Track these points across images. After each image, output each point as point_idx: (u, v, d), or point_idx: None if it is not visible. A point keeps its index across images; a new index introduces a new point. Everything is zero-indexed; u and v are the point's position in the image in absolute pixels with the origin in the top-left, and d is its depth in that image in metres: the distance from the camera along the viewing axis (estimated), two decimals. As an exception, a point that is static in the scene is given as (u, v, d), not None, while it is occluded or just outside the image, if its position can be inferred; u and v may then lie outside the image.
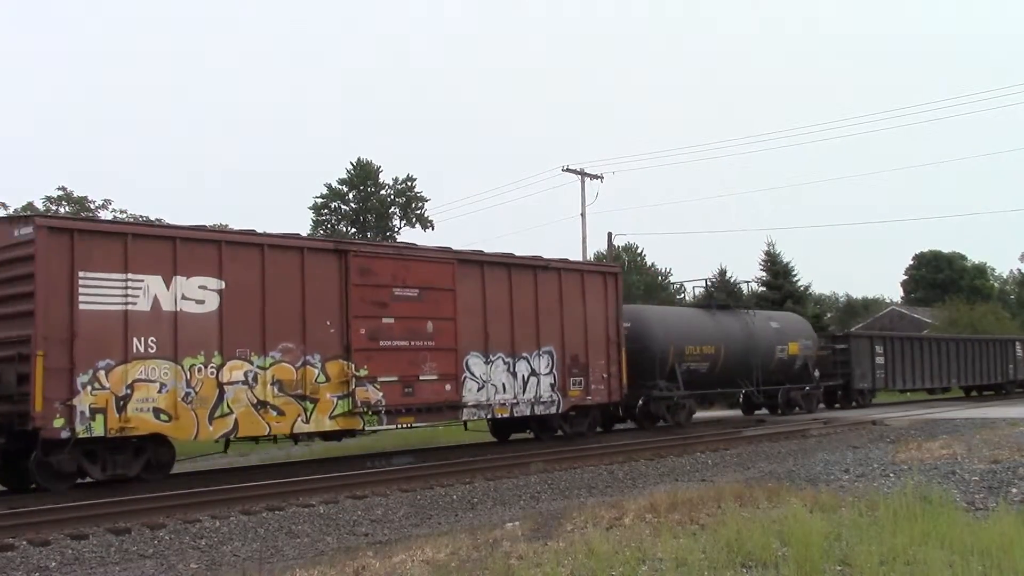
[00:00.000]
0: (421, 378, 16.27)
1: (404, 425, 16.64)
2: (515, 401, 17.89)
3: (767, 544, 7.19)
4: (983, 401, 35.52)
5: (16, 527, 10.49)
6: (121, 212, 58.36)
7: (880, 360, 31.58)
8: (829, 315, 63.35)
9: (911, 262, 79.34)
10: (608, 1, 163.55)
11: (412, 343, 16.20)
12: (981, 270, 76.83)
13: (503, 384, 17.70)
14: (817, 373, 28.71)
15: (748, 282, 44.42)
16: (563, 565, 7.01)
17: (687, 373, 23.45)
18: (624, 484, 14.69)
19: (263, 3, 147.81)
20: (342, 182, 67.24)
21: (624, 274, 67.19)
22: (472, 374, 17.19)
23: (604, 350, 19.98)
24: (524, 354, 18.13)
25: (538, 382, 18.34)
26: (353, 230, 67.66)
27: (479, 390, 17.23)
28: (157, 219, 59.16)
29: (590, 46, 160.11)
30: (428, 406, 16.42)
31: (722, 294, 34.36)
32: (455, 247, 18.04)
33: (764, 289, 45.27)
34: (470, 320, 17.18)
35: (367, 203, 66.94)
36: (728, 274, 45.41)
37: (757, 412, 28.49)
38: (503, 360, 17.69)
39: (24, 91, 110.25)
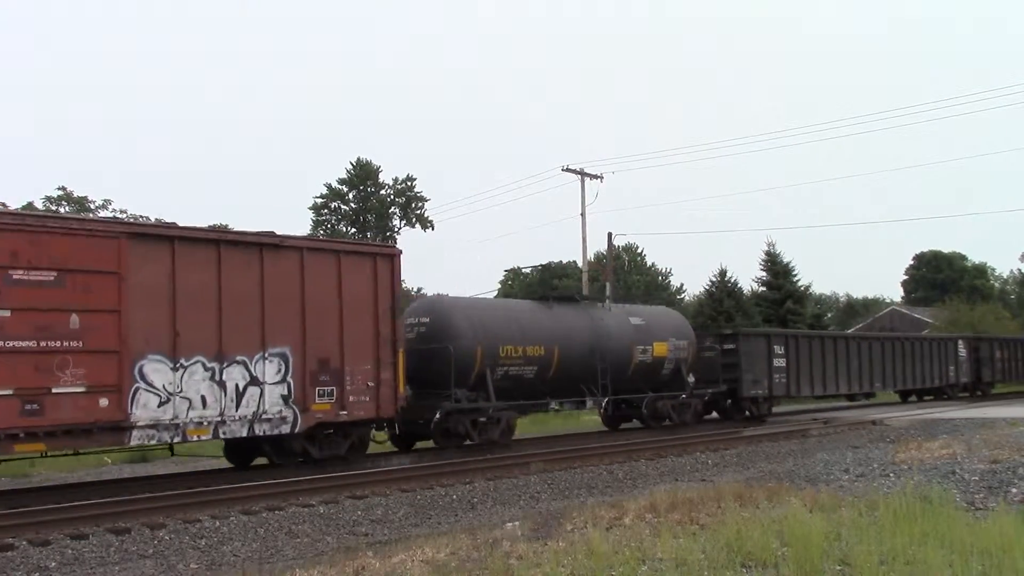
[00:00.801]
0: (55, 390, 12.16)
1: (29, 454, 12.72)
2: (221, 419, 13.78)
3: (767, 544, 7.19)
4: (980, 401, 35.03)
5: (16, 527, 10.49)
6: (121, 212, 58.50)
7: (780, 362, 26.31)
8: (829, 315, 63.41)
9: (911, 262, 79.51)
10: (608, 1, 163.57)
11: (42, 344, 12.11)
12: (981, 270, 76.91)
13: (202, 397, 13.63)
14: (692, 379, 23.94)
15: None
16: (563, 565, 7.01)
17: (504, 380, 19.06)
18: (624, 484, 14.69)
19: (263, 3, 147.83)
20: (342, 182, 67.27)
21: (624, 274, 67.47)
22: (149, 384, 13.12)
23: (372, 351, 15.87)
24: (239, 357, 14.06)
25: (261, 393, 14.27)
26: (353, 230, 67.71)
27: (161, 405, 13.16)
28: (157, 219, 59.41)
29: (590, 46, 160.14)
30: (67, 427, 12.29)
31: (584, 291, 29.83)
32: (128, 218, 14.74)
33: (764, 289, 45.36)
34: (149, 313, 13.18)
35: (367, 203, 66.96)
36: (728, 274, 45.58)
37: (625, 424, 24.35)
38: (203, 365, 13.67)
39: (24, 91, 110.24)
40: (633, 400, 22.72)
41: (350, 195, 67.48)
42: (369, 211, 67.12)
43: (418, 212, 67.99)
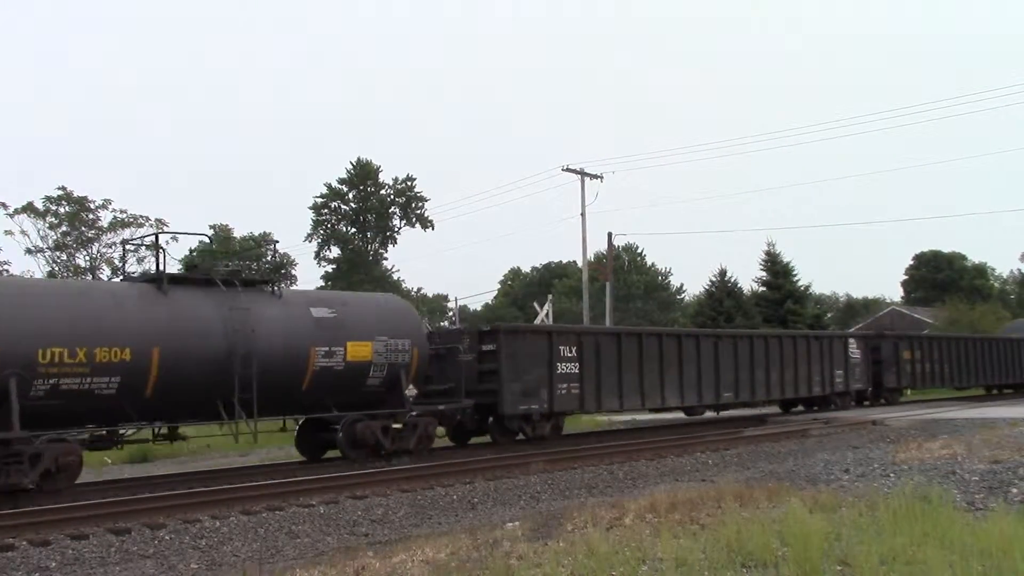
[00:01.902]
0: None
1: None
2: None
3: (767, 544, 7.19)
4: (977, 402, 34.71)
5: (16, 527, 10.49)
6: (121, 212, 58.52)
7: (569, 368, 19.74)
8: (830, 315, 63.40)
9: (911, 262, 79.41)
10: (608, 1, 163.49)
11: None
12: (981, 270, 76.86)
13: None
14: (413, 391, 17.78)
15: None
16: (563, 565, 7.01)
17: (53, 397, 12.87)
18: (624, 484, 14.69)
19: (263, 3, 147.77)
20: (342, 182, 67.27)
21: (624, 274, 67.55)
22: None
23: None
24: None
25: None
26: (353, 230, 67.72)
27: None
28: (156, 219, 59.39)
29: (590, 46, 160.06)
30: None
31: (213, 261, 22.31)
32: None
33: (764, 289, 45.35)
34: None
35: (367, 203, 66.96)
36: (728, 274, 45.57)
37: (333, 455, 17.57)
38: None
39: (24, 91, 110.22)
40: (330, 421, 16.63)
41: (350, 195, 67.47)
42: (369, 211, 67.13)
43: (418, 212, 67.98)
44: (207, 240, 24.56)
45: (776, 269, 45.12)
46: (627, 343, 21.50)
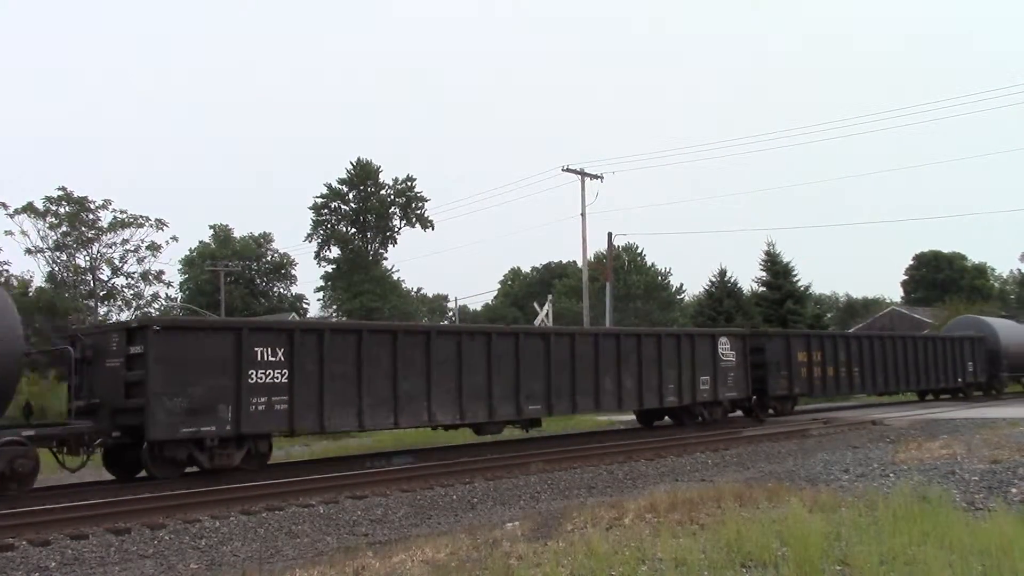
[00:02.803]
0: None
1: None
2: None
3: (767, 544, 7.19)
4: (977, 402, 34.44)
5: (16, 527, 10.49)
6: (121, 212, 58.55)
7: (272, 377, 14.82)
8: (830, 315, 63.44)
9: (911, 262, 79.43)
10: (608, 2, 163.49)
11: None
12: (981, 270, 76.85)
13: None
14: None
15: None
16: (563, 565, 7.01)
17: None
18: (624, 484, 14.69)
19: (263, 3, 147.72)
20: (342, 182, 67.29)
21: (624, 274, 67.44)
22: None
23: None
24: None
25: None
26: (353, 230, 67.73)
27: None
28: (156, 219, 59.39)
29: (590, 46, 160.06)
30: None
31: None
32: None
33: (764, 289, 45.34)
34: None
35: (367, 203, 66.98)
36: (728, 274, 45.55)
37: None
38: None
39: (24, 91, 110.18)
40: None
41: (350, 195, 67.49)
42: (369, 211, 67.14)
43: (418, 212, 68.01)
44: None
45: (776, 269, 45.09)
46: (372, 343, 16.14)
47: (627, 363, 20.80)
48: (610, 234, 44.51)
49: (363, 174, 67.08)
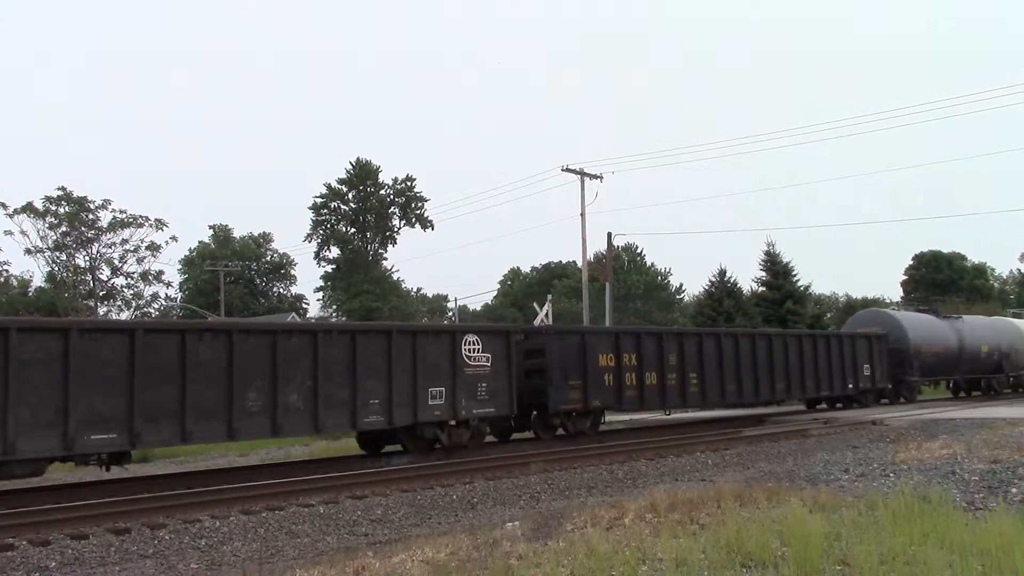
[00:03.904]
0: None
1: None
2: None
3: (767, 544, 7.19)
4: (977, 402, 33.95)
5: (16, 527, 10.50)
6: (121, 212, 58.56)
7: None
8: (829, 315, 63.43)
9: (911, 262, 79.41)
10: (608, 1, 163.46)
11: None
12: (981, 270, 76.87)
13: None
14: None
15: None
16: (563, 565, 7.00)
17: None
18: (624, 484, 14.69)
19: (263, 3, 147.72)
20: (342, 182, 67.30)
21: (624, 274, 67.44)
22: None
23: None
24: None
25: None
26: (353, 230, 67.73)
27: None
28: (156, 219, 59.35)
29: (589, 46, 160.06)
30: None
31: None
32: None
33: (764, 289, 45.35)
34: None
35: (367, 203, 66.99)
36: (728, 274, 45.58)
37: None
38: None
39: (24, 91, 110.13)
40: None
41: (350, 195, 67.51)
42: (369, 211, 67.16)
43: (418, 212, 68.03)
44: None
45: (776, 269, 45.11)
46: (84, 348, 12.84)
47: (325, 373, 15.50)
48: (610, 234, 44.54)
49: (363, 174, 67.10)
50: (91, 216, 57.76)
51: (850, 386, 28.69)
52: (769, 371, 25.15)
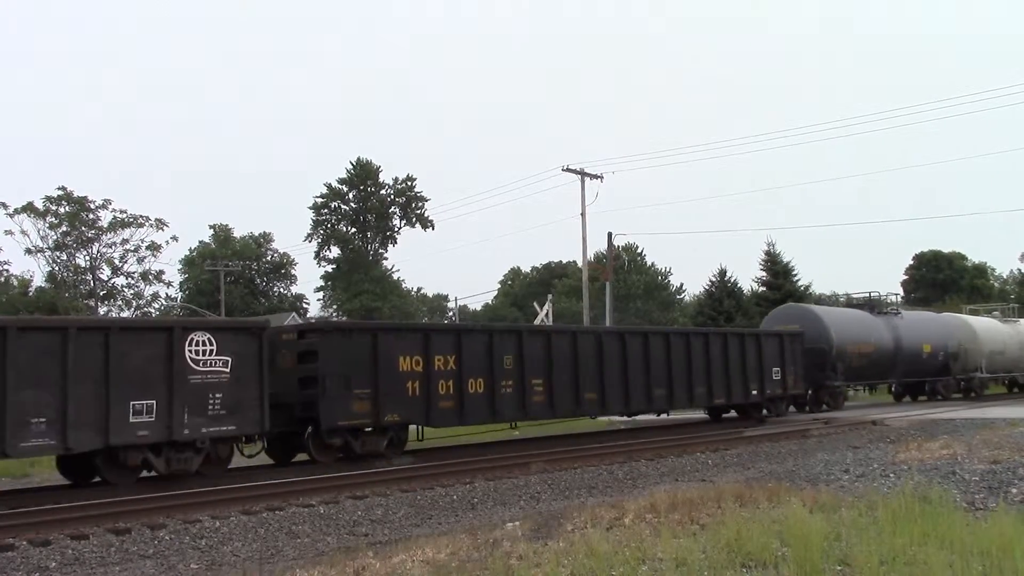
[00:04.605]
0: None
1: None
2: None
3: (767, 544, 7.19)
4: (981, 402, 33.68)
5: (16, 527, 10.49)
6: (121, 212, 58.58)
7: None
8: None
9: (911, 262, 79.41)
10: (608, 1, 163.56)
11: None
12: (981, 270, 76.85)
13: None
14: None
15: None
16: (563, 565, 7.00)
17: None
18: (624, 484, 14.69)
19: (263, 4, 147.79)
20: (342, 182, 67.35)
21: (624, 274, 67.53)
22: None
23: None
24: None
25: None
26: (353, 230, 67.76)
27: None
28: (156, 219, 59.39)
29: (590, 46, 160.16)
30: None
31: None
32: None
33: (764, 289, 45.38)
34: None
35: (367, 203, 67.04)
36: (728, 274, 45.63)
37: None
38: None
39: (24, 91, 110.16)
40: None
41: (350, 195, 67.56)
42: (369, 211, 67.20)
43: (418, 212, 68.08)
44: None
45: (776, 269, 45.16)
46: None
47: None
48: (610, 234, 44.53)
49: (363, 174, 67.13)
50: (91, 216, 57.81)
51: (754, 392, 24.41)
52: (644, 376, 21.19)
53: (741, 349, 24.17)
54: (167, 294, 64.86)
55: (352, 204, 67.48)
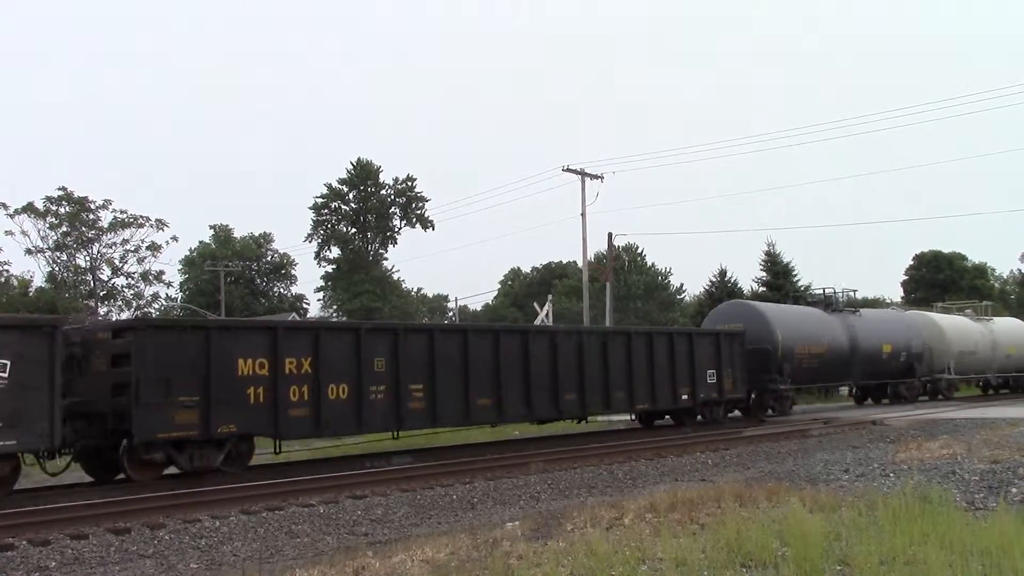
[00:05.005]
0: None
1: None
2: None
3: (767, 544, 7.18)
4: (982, 401, 33.81)
5: (16, 527, 10.49)
6: (121, 212, 58.57)
7: None
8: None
9: (911, 262, 79.34)
10: (608, 1, 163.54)
11: None
12: (981, 270, 76.80)
13: None
14: None
15: None
16: (563, 565, 7.00)
17: None
18: (624, 484, 14.69)
19: (263, 3, 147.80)
20: (342, 182, 67.30)
21: (624, 274, 67.44)
22: None
23: None
24: None
25: None
26: (353, 230, 67.73)
27: None
28: (157, 219, 59.38)
29: (590, 46, 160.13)
30: None
31: None
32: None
33: (764, 289, 45.35)
34: None
35: (367, 203, 67.00)
36: (728, 274, 45.61)
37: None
38: None
39: (24, 91, 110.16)
40: None
41: (350, 195, 67.51)
42: (369, 211, 67.17)
43: (418, 212, 68.03)
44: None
45: (776, 269, 45.14)
46: None
47: None
48: (610, 234, 44.53)
49: (363, 174, 67.09)
50: (92, 216, 57.77)
51: (684, 397, 22.55)
52: (551, 380, 19.30)
53: (669, 349, 22.26)
54: (167, 294, 64.84)
55: (352, 204, 67.43)
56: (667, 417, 24.22)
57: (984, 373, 35.95)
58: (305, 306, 72.70)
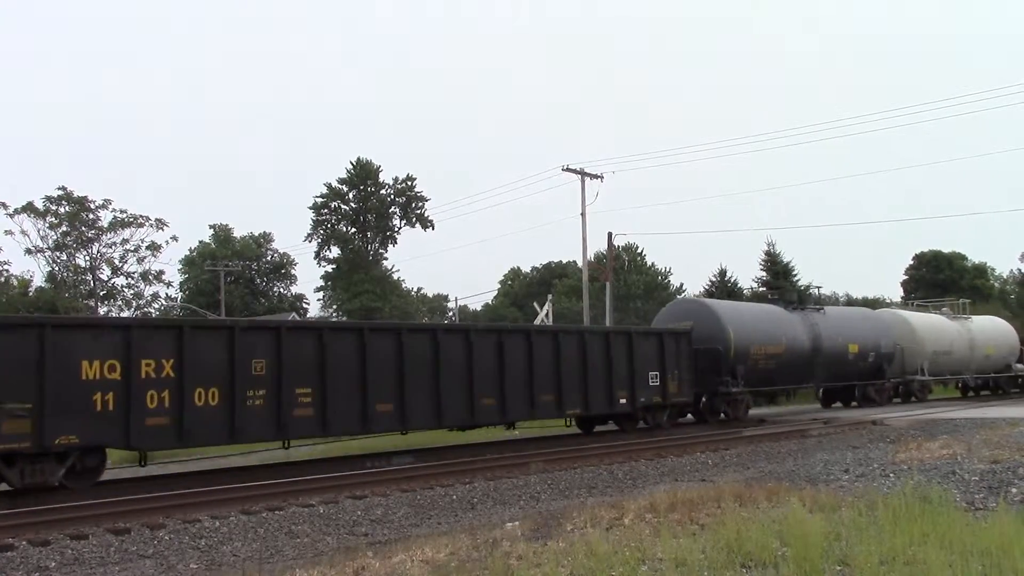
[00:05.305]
0: None
1: None
2: None
3: (767, 544, 7.18)
4: (983, 401, 33.67)
5: (16, 527, 10.49)
6: (121, 212, 58.60)
7: None
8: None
9: (911, 262, 79.36)
10: (608, 1, 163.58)
11: None
12: (981, 270, 76.84)
13: None
14: None
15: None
16: (563, 565, 7.00)
17: None
18: (624, 484, 14.69)
19: (263, 4, 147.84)
20: (342, 182, 67.29)
21: (624, 274, 67.39)
22: None
23: None
24: None
25: None
26: (353, 230, 67.72)
27: None
28: (156, 219, 59.40)
29: (590, 46, 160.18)
30: None
31: None
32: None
33: (764, 289, 45.36)
34: None
35: (367, 203, 66.98)
36: (728, 274, 45.62)
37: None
38: None
39: (24, 91, 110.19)
40: None
41: (350, 195, 67.49)
42: (369, 211, 67.14)
43: (418, 212, 68.00)
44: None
45: (776, 269, 45.17)
46: None
47: None
48: (610, 234, 44.49)
49: (363, 174, 67.07)
50: (91, 216, 57.80)
51: (622, 401, 20.99)
52: (466, 385, 17.78)
53: (605, 350, 20.68)
54: (167, 294, 64.87)
55: (352, 204, 67.40)
56: (611, 423, 22.66)
57: (961, 374, 34.43)
58: (305, 306, 72.74)
